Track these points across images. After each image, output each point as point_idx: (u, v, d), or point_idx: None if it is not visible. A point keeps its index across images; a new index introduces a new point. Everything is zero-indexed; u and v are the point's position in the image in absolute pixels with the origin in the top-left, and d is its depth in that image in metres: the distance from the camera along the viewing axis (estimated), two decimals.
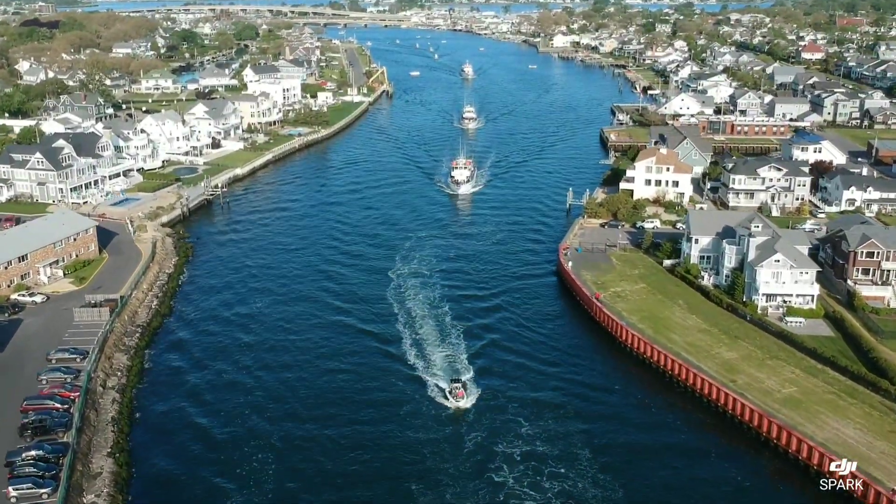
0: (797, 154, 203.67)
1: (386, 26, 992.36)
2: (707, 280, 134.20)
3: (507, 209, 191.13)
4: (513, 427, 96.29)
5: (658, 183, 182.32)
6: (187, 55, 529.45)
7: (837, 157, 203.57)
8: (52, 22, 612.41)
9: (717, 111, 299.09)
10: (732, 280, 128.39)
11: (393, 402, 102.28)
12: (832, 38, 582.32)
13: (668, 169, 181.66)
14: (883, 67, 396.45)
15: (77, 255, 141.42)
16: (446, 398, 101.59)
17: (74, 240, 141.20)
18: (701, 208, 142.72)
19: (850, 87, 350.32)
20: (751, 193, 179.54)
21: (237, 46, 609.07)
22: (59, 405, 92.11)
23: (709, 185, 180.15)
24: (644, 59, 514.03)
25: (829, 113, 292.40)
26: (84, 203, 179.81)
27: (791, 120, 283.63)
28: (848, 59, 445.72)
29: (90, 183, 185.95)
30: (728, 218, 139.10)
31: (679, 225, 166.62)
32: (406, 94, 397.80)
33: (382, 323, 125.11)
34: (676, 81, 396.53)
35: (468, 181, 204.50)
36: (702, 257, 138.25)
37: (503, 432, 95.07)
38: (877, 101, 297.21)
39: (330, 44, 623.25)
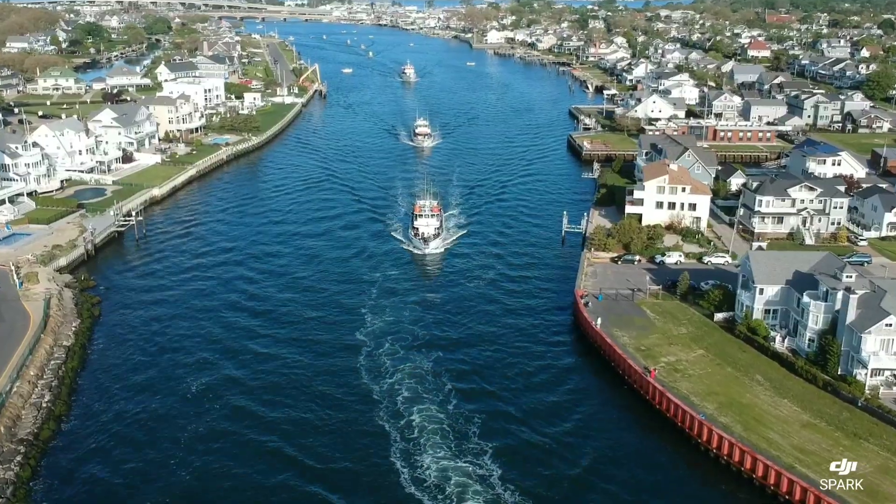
0: (813, 167, 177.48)
1: (307, 20, 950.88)
2: (781, 343, 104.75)
3: (488, 245, 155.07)
4: None
5: (672, 206, 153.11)
6: (92, 51, 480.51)
7: (858, 171, 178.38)
8: None
9: (690, 114, 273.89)
10: (820, 346, 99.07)
11: None
12: (770, 36, 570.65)
13: (683, 189, 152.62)
14: (841, 66, 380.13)
15: None
16: None
17: None
18: (760, 248, 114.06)
19: (812, 85, 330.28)
20: (779, 218, 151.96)
21: (148, 41, 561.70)
22: None
23: (741, 211, 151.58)
24: (587, 57, 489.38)
25: (808, 116, 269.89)
26: None
27: (768, 123, 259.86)
28: (801, 57, 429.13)
29: None
30: (797, 261, 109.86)
31: (707, 259, 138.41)
32: (340, 93, 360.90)
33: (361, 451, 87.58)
34: (631, 80, 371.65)
35: (437, 234, 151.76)
36: (767, 311, 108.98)
37: None
38: (857, 102, 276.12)
39: (250, 39, 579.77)
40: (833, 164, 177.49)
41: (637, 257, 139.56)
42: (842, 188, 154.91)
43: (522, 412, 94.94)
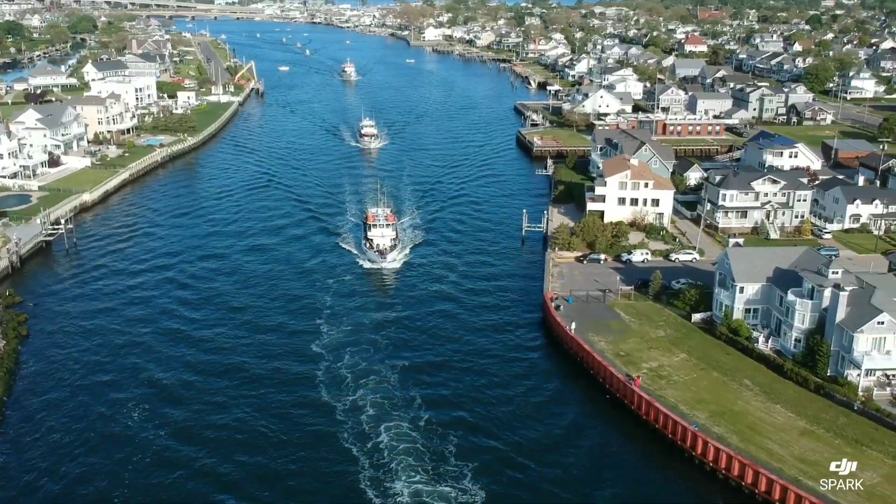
0: (770, 160, 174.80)
1: (238, 19, 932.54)
2: (764, 344, 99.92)
3: (446, 250, 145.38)
4: None
5: (634, 202, 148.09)
6: (13, 50, 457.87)
7: (814, 163, 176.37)
8: None
9: (637, 109, 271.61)
10: (808, 346, 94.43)
11: None
12: (704, 31, 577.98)
13: (646, 185, 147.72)
14: (778, 60, 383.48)
15: None
16: None
17: None
18: (737, 244, 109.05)
19: (752, 79, 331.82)
20: (743, 212, 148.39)
21: (73, 40, 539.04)
22: None
23: (708, 205, 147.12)
24: (527, 53, 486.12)
25: (754, 109, 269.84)
26: None
27: (715, 117, 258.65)
28: (738, 51, 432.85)
29: None
30: (777, 257, 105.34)
31: (674, 257, 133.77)
32: (278, 91, 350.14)
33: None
34: (573, 76, 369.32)
35: (394, 245, 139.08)
36: (747, 310, 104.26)
37: None
38: (801, 95, 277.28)
39: (181, 37, 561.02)
40: (790, 157, 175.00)
41: (603, 256, 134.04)
42: (805, 180, 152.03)
43: (498, 424, 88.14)
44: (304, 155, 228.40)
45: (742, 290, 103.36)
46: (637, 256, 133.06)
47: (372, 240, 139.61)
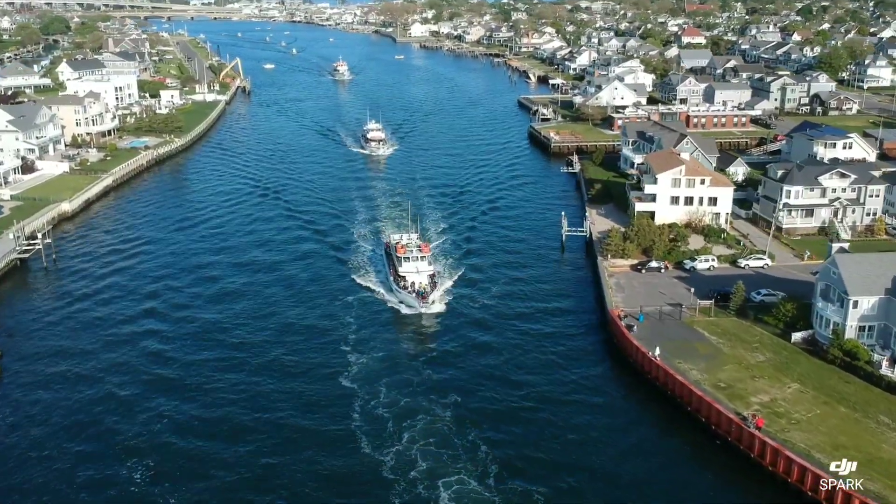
0: (822, 152, 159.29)
1: (215, 19, 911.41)
2: (890, 369, 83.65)
3: (483, 269, 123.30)
4: None
5: (689, 201, 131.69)
6: None
7: (870, 154, 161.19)
8: None
9: (653, 101, 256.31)
10: None
11: None
12: (697, 23, 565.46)
13: (702, 182, 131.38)
14: (784, 49, 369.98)
15: None
16: None
17: None
18: (842, 248, 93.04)
19: (770, 69, 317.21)
20: (809, 210, 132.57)
21: (45, 42, 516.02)
22: None
23: (781, 204, 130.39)
24: (520, 48, 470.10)
25: (776, 99, 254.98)
26: None
27: (735, 108, 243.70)
28: (739, 42, 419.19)
29: None
30: (893, 264, 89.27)
31: (743, 262, 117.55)
32: (265, 90, 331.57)
33: None
34: (574, 69, 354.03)
35: (434, 284, 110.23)
36: (861, 328, 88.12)
37: None
38: (823, 84, 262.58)
39: (158, 36, 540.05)
40: (844, 148, 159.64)
41: (663, 264, 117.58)
42: (877, 173, 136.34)
43: (588, 481, 71.39)
44: (303, 163, 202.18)
45: (856, 304, 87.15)
46: (702, 263, 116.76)
47: (405, 277, 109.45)
